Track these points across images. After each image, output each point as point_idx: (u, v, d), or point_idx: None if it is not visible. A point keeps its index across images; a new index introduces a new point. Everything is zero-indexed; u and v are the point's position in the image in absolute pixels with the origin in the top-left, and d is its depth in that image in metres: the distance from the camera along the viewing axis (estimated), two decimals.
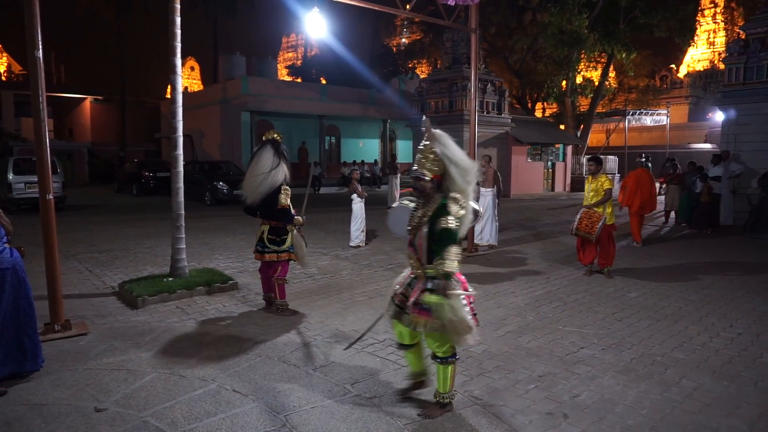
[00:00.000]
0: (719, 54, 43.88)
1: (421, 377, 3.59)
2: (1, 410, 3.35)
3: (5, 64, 46.93)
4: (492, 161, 9.82)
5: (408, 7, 8.17)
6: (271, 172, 5.05)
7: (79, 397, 3.54)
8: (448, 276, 3.01)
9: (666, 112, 30.58)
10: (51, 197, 4.83)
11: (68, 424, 3.20)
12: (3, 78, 36.40)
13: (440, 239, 3.05)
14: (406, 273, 3.38)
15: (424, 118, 3.55)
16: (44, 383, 3.74)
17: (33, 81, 4.71)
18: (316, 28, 9.96)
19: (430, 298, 3.07)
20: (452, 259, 3.00)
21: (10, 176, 14.27)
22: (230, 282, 6.44)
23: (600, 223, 6.74)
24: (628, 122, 29.30)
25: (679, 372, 4.01)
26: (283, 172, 5.13)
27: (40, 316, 4.17)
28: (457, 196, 3.16)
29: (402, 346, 3.47)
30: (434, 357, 3.26)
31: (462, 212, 3.14)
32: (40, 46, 4.70)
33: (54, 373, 3.90)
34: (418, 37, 38.52)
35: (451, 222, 3.05)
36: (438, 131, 3.23)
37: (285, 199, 5.15)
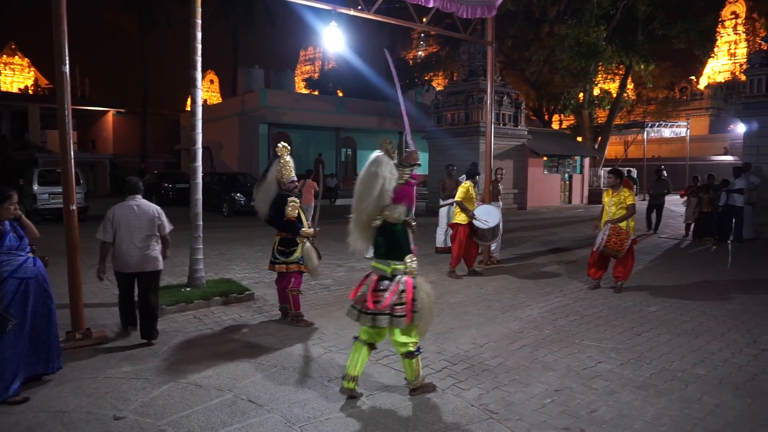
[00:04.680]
0: (740, 65, 43.32)
1: (355, 383, 3.69)
2: (24, 416, 3.42)
3: (32, 79, 48.25)
4: (502, 174, 9.81)
5: (425, 20, 8.23)
6: (260, 186, 5.37)
7: (99, 404, 3.60)
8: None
9: (686, 124, 30.14)
10: (74, 208, 4.94)
11: (88, 431, 3.25)
12: (30, 91, 37.39)
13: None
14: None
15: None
16: (65, 390, 3.81)
17: (59, 95, 4.85)
18: (333, 41, 10.11)
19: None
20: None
21: (35, 187, 14.56)
22: (246, 293, 6.50)
23: (629, 240, 6.68)
24: (647, 134, 28.94)
25: (700, 388, 3.94)
26: (268, 183, 5.30)
27: (62, 324, 4.25)
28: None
29: (371, 346, 3.73)
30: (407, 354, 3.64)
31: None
32: (67, 61, 4.85)
33: (74, 380, 3.97)
34: (435, 50, 38.63)
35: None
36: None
37: (291, 211, 5.19)
